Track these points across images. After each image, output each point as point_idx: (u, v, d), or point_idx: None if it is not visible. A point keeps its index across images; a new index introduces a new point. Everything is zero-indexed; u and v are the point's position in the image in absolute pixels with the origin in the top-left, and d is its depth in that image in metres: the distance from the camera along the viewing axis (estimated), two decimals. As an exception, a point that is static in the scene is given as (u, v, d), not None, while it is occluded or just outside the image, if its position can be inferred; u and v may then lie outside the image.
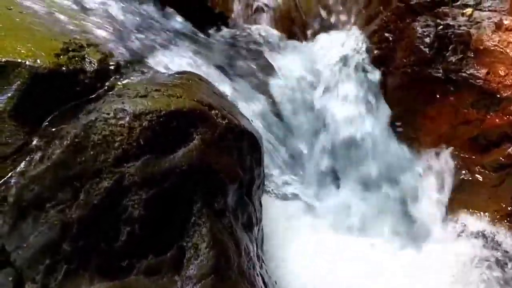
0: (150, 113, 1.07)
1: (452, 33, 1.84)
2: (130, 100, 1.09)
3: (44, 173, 0.95)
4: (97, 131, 1.01)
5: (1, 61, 1.52)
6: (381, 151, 1.92)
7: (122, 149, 1.01)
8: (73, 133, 0.99)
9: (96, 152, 0.99)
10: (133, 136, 1.03)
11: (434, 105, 1.89)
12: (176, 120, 1.12)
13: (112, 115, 1.03)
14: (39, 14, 1.98)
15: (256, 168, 1.39)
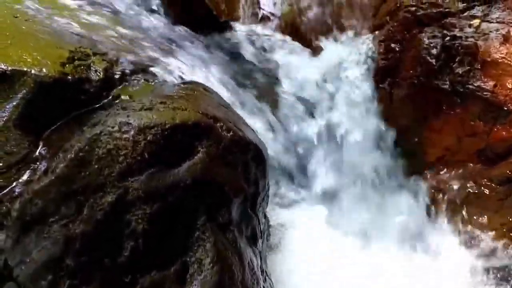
0: (155, 127, 1.06)
1: (459, 45, 1.83)
2: (135, 113, 1.08)
3: (48, 187, 0.95)
4: (101, 144, 1.00)
5: (7, 70, 1.53)
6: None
7: (126, 163, 1.00)
8: (78, 147, 0.99)
9: (100, 166, 0.98)
10: (138, 150, 1.02)
11: (441, 117, 1.87)
12: (180, 133, 1.11)
13: (116, 129, 1.02)
14: (45, 22, 1.99)
15: (260, 181, 1.38)
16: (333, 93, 2.00)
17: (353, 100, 2.03)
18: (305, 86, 2.06)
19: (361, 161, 1.87)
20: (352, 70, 2.08)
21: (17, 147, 1.48)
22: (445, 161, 1.88)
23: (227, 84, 2.07)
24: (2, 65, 1.52)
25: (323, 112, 2.04)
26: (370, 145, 1.90)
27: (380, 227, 1.89)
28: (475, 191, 1.81)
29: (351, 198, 1.86)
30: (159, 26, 2.28)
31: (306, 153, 1.91)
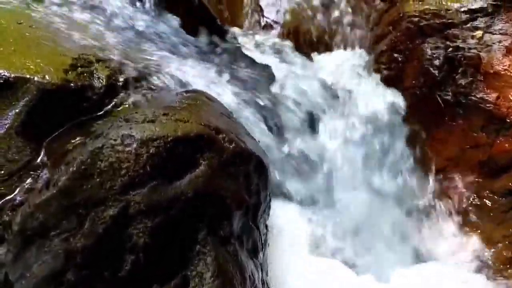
0: (157, 139, 1.06)
1: (462, 56, 1.83)
2: (137, 125, 1.08)
3: (49, 201, 0.94)
4: (103, 157, 1.00)
5: (10, 77, 1.53)
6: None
7: (128, 176, 1.00)
8: (80, 160, 0.98)
9: (102, 179, 0.98)
10: (140, 163, 1.02)
11: (443, 128, 1.87)
12: (183, 146, 1.11)
13: (119, 142, 1.02)
14: (49, 28, 1.99)
15: (262, 192, 1.37)
16: (335, 105, 1.99)
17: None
18: (306, 95, 2.05)
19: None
20: (354, 80, 2.08)
21: (19, 154, 1.48)
22: (447, 171, 1.88)
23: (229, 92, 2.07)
24: (5, 72, 1.52)
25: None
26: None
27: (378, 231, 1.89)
28: (477, 202, 1.80)
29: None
30: (162, 33, 2.28)
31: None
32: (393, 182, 1.93)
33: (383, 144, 1.89)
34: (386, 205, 1.93)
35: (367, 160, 1.90)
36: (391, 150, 1.91)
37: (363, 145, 1.94)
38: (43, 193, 0.96)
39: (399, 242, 1.89)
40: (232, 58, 2.25)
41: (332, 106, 1.96)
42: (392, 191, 1.92)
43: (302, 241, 1.73)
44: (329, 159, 1.87)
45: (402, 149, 1.93)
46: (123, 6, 2.29)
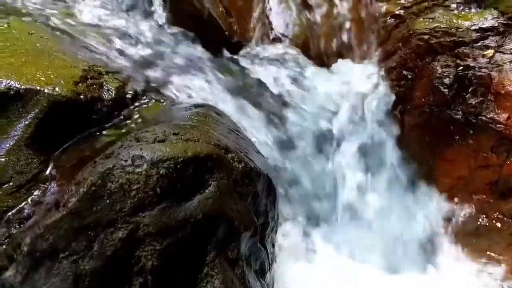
0: (168, 160, 1.06)
1: (472, 75, 1.82)
2: (148, 145, 1.08)
3: (59, 222, 0.94)
4: (114, 179, 1.00)
5: (20, 89, 1.54)
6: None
7: (138, 198, 1.00)
8: (90, 181, 0.98)
9: (112, 201, 0.98)
10: (150, 184, 1.02)
11: (453, 147, 1.85)
12: (192, 167, 1.11)
13: (129, 162, 1.02)
14: (60, 38, 2.01)
15: (270, 211, 1.37)
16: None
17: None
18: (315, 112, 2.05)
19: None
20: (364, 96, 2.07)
21: (27, 166, 1.49)
22: (456, 191, 1.86)
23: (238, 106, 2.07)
24: (16, 83, 1.53)
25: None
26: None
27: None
28: (486, 223, 1.78)
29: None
30: (171, 45, 2.29)
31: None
32: (399, 201, 1.92)
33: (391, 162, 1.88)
34: (390, 223, 1.92)
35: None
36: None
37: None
38: (53, 213, 0.96)
39: (403, 260, 1.87)
40: (241, 71, 2.25)
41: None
42: (396, 210, 1.91)
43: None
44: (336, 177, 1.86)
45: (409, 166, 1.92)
46: (132, 19, 2.31)
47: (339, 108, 2.05)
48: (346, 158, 1.88)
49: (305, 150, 1.90)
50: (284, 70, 2.29)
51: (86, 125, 1.66)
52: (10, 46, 1.73)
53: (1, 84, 1.51)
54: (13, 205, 1.39)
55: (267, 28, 2.43)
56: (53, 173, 1.51)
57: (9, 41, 1.76)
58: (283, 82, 2.22)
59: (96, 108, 1.71)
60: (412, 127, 1.95)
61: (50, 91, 1.58)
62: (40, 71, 1.64)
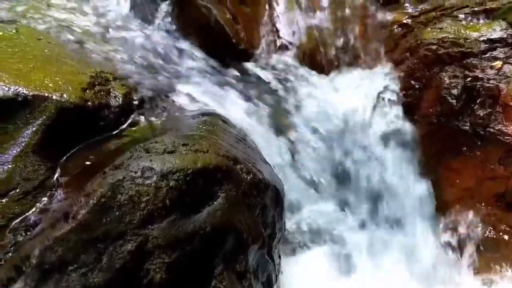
0: (177, 172, 1.06)
1: (480, 86, 1.81)
2: (158, 157, 1.08)
3: (68, 235, 0.94)
4: (124, 191, 0.99)
5: (28, 95, 1.54)
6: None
7: (147, 210, 0.99)
8: (100, 193, 0.98)
9: (121, 213, 0.97)
10: (159, 196, 1.01)
11: (460, 158, 1.84)
12: (202, 178, 1.10)
13: (139, 174, 1.02)
14: (67, 44, 2.01)
15: (277, 222, 1.36)
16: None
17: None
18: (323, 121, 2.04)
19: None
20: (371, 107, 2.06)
21: (34, 173, 1.49)
22: (463, 202, 1.85)
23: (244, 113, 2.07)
24: (24, 89, 1.53)
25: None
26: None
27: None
28: (493, 236, 1.77)
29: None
30: (178, 52, 2.30)
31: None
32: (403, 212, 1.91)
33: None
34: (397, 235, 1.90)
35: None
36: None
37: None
38: (62, 225, 0.95)
39: (409, 269, 1.86)
40: (248, 79, 2.25)
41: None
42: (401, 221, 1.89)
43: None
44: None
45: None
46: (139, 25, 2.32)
47: (344, 119, 2.04)
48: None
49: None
50: (289, 79, 2.29)
51: (93, 132, 1.66)
52: (18, 52, 1.74)
53: (10, 90, 1.52)
54: (19, 212, 1.39)
55: (274, 35, 2.43)
56: (60, 180, 1.51)
57: (18, 46, 1.77)
58: (289, 91, 2.21)
59: (103, 114, 1.71)
60: (420, 137, 1.94)
61: (58, 98, 1.58)
62: (48, 78, 1.64)
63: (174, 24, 2.38)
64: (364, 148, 1.97)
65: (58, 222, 1.00)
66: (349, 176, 1.92)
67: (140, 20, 2.38)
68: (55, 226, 0.98)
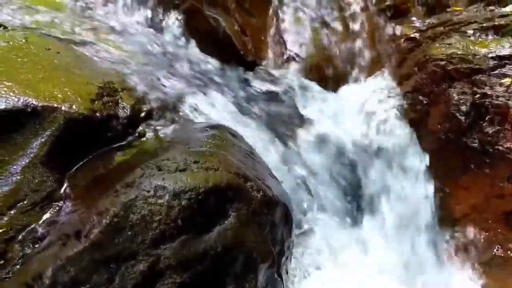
0: (189, 191, 1.05)
1: (489, 103, 1.81)
2: (170, 175, 1.08)
3: (81, 254, 0.93)
4: (136, 210, 0.99)
5: (37, 106, 1.54)
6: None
7: (159, 229, 0.99)
8: (113, 212, 0.98)
9: (134, 232, 0.97)
10: (172, 216, 1.01)
11: (468, 175, 1.84)
12: (213, 197, 1.10)
13: (152, 193, 1.02)
14: (76, 53, 2.02)
15: (286, 240, 1.35)
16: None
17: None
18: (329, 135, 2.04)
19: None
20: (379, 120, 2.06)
21: (42, 184, 1.49)
22: (471, 219, 1.84)
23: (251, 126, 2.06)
24: (33, 100, 1.53)
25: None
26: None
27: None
28: (501, 254, 1.75)
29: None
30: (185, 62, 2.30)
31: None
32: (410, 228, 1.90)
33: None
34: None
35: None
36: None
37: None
38: (74, 244, 0.95)
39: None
40: (255, 91, 2.25)
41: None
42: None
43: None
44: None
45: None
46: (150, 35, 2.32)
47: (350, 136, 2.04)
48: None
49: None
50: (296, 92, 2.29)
51: (101, 143, 1.66)
52: (28, 62, 1.74)
53: (19, 101, 1.51)
54: (27, 224, 1.39)
55: (281, 47, 2.44)
56: (67, 191, 1.51)
57: (27, 56, 1.77)
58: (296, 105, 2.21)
59: (111, 125, 1.71)
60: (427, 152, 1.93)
61: (67, 109, 1.58)
62: (57, 88, 1.64)
63: (183, 35, 2.39)
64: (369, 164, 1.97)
65: (70, 240, 0.99)
66: (354, 193, 1.92)
67: (149, 30, 2.39)
68: (66, 243, 0.98)
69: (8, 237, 1.35)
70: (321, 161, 1.88)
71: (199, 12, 2.34)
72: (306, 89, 2.29)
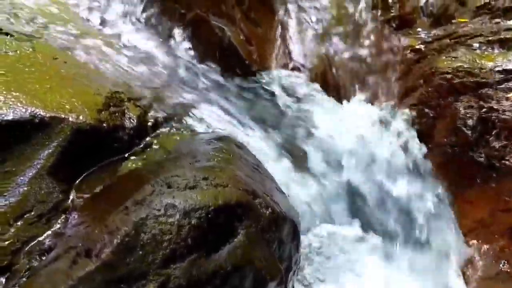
0: (199, 209, 1.05)
1: (496, 118, 1.81)
2: (180, 193, 1.08)
3: (92, 275, 0.93)
4: (147, 229, 0.99)
5: (45, 117, 1.54)
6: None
7: (170, 249, 0.99)
8: (124, 231, 0.98)
9: (145, 252, 0.97)
10: (182, 235, 1.01)
11: (475, 189, 1.84)
12: (223, 215, 1.10)
13: (162, 212, 1.02)
14: (83, 63, 2.02)
15: (293, 256, 1.35)
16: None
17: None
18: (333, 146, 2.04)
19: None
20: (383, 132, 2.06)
21: (49, 196, 1.49)
22: (476, 233, 1.84)
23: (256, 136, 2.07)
24: (41, 111, 1.53)
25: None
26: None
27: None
28: (507, 270, 1.75)
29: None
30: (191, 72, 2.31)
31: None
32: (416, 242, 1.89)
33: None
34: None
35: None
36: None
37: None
38: (85, 263, 0.95)
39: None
40: (260, 101, 2.26)
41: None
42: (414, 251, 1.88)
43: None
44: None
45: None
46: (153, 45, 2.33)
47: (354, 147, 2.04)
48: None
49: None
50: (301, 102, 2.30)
51: (107, 153, 1.66)
52: (35, 72, 1.74)
53: (27, 112, 1.51)
54: (34, 236, 1.39)
55: (286, 57, 2.45)
56: (74, 202, 1.51)
57: (34, 66, 1.77)
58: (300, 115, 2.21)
59: (117, 136, 1.71)
60: (434, 166, 1.93)
61: (74, 119, 1.58)
62: (65, 99, 1.64)
63: (189, 44, 2.39)
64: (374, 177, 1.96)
65: (80, 258, 0.99)
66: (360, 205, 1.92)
67: (155, 39, 2.39)
68: (76, 261, 0.98)
69: (14, 248, 1.35)
70: (329, 172, 1.88)
71: (205, 21, 2.34)
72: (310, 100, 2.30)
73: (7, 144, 1.46)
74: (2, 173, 1.44)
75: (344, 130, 2.16)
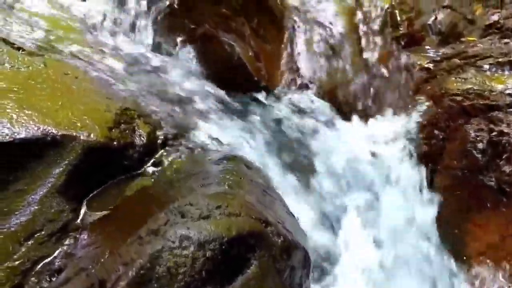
0: (213, 241, 1.05)
1: (506, 142, 1.80)
2: (194, 224, 1.08)
3: (107, 308, 0.93)
4: (162, 262, 0.99)
5: (57, 135, 1.54)
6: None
7: (184, 282, 0.99)
8: (139, 264, 0.98)
9: (159, 285, 0.97)
10: (196, 268, 1.01)
11: (484, 213, 1.83)
12: (236, 246, 1.10)
13: (177, 244, 1.02)
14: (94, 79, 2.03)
15: (304, 283, 1.35)
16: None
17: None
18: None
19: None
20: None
21: (59, 214, 1.49)
22: (486, 258, 1.82)
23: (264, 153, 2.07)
24: (52, 129, 1.54)
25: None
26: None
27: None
28: (517, 295, 1.74)
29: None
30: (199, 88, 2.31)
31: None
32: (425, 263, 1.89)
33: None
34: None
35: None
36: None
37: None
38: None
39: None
40: (267, 117, 2.26)
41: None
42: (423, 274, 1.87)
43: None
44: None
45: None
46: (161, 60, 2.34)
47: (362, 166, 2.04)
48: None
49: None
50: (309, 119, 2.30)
51: (117, 171, 1.66)
52: (47, 88, 1.75)
53: (39, 130, 1.52)
54: (44, 256, 1.39)
55: (295, 74, 2.45)
56: (84, 222, 1.51)
57: (46, 82, 1.78)
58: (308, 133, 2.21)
59: (127, 154, 1.71)
60: (443, 188, 1.93)
61: (85, 138, 1.59)
62: (76, 116, 1.65)
63: (198, 59, 2.40)
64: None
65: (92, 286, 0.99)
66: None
67: (164, 55, 2.40)
68: (90, 294, 0.98)
69: (25, 268, 1.35)
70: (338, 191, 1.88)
71: (215, 37, 2.35)
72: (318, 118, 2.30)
73: (20, 163, 1.46)
74: (14, 192, 1.45)
75: (352, 147, 2.16)
